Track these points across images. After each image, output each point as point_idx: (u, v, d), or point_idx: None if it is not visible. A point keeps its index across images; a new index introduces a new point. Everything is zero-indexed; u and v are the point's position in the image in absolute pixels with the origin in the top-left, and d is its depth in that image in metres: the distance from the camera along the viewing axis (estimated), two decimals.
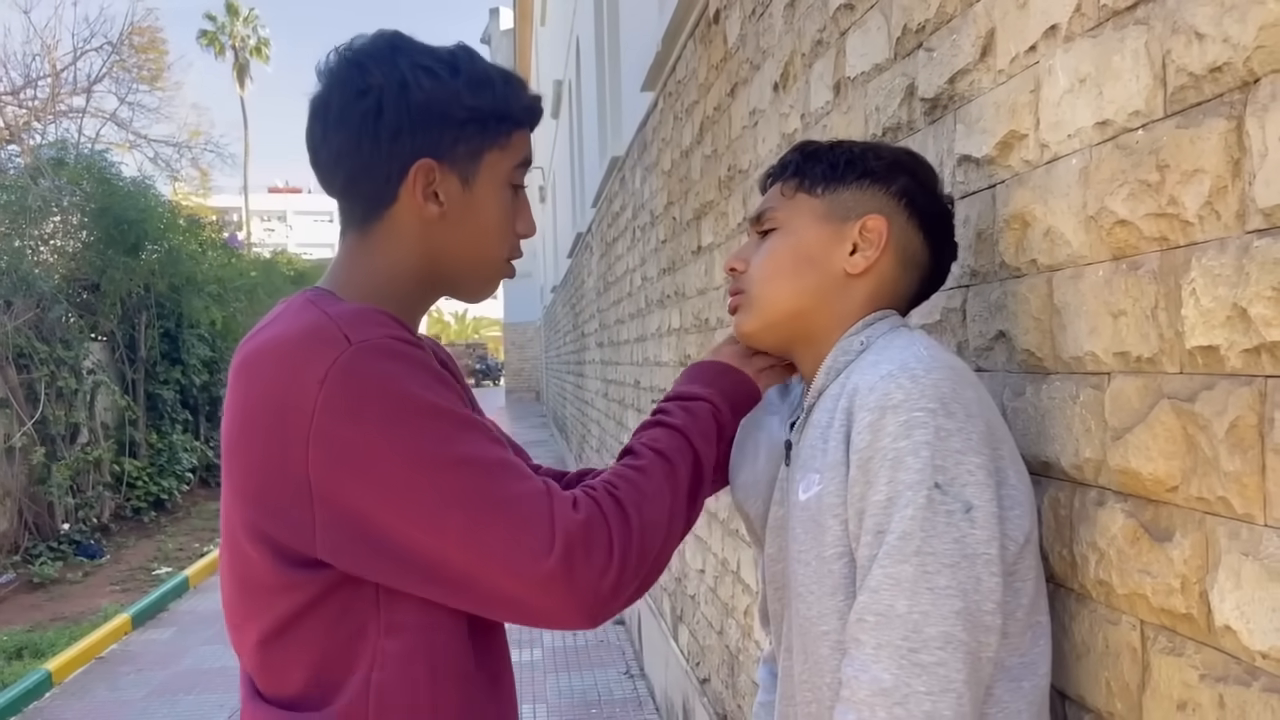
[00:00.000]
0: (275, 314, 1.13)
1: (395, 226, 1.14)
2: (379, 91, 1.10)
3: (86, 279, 9.89)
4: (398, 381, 1.00)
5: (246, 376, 1.06)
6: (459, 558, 0.99)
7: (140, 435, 10.54)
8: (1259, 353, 0.81)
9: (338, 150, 1.13)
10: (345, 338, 1.00)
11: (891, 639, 0.94)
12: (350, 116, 1.11)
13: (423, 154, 1.11)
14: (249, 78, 40.80)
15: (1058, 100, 1.11)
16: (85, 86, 19.15)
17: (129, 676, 5.96)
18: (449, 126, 1.11)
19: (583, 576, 1.00)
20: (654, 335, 4.80)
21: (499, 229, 1.17)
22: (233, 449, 1.06)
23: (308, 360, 1.00)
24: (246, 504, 1.05)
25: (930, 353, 1.04)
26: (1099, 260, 1.04)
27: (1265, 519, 0.81)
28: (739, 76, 2.83)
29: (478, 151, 1.14)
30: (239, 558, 1.08)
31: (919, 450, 0.97)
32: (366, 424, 0.98)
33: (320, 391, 0.98)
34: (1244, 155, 0.83)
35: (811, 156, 1.20)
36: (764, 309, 1.19)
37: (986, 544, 0.97)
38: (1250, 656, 0.84)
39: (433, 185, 1.12)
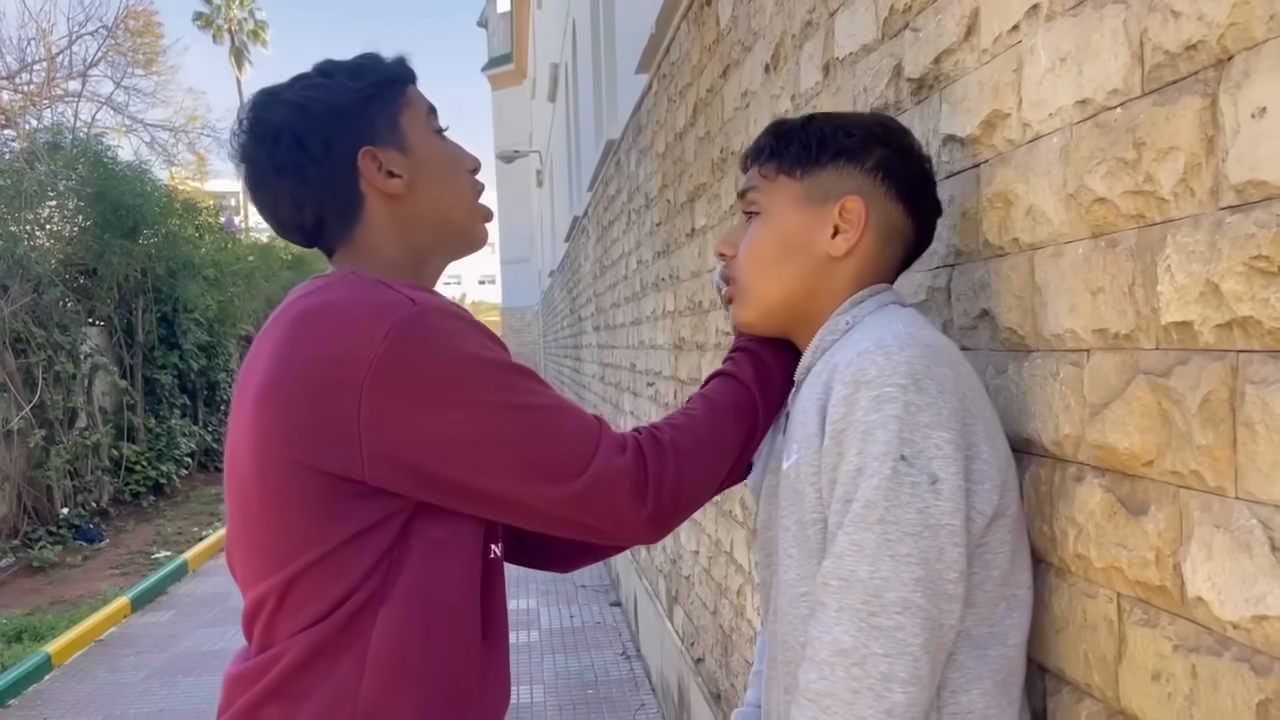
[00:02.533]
0: (321, 284, 1.17)
1: (373, 223, 1.23)
2: (286, 125, 1.19)
3: (83, 263, 9.89)
4: (457, 336, 1.09)
5: (299, 330, 1.11)
6: (503, 487, 1.09)
7: (138, 420, 10.56)
8: (1231, 328, 0.82)
9: (291, 196, 1.21)
10: (410, 299, 1.08)
11: (852, 602, 0.98)
12: (281, 161, 1.20)
13: (358, 145, 1.20)
14: (247, 61, 40.62)
15: (1039, 79, 1.12)
16: (81, 70, 19.09)
17: (128, 659, 6.00)
18: (358, 115, 1.21)
19: (611, 501, 1.10)
20: (649, 318, 4.81)
21: (451, 172, 1.27)
22: (275, 396, 1.09)
23: (373, 318, 1.06)
24: (288, 444, 1.08)
25: (908, 330, 1.06)
26: (1079, 238, 1.05)
27: (1236, 491, 0.83)
28: (731, 58, 2.83)
29: (392, 119, 1.23)
30: (282, 505, 1.10)
31: (887, 424, 1.00)
32: (424, 367, 1.05)
33: (382, 344, 1.04)
34: (1218, 132, 0.84)
35: (785, 137, 1.22)
36: (756, 299, 1.22)
37: (951, 515, 0.99)
38: (1221, 627, 0.85)
39: (382, 165, 1.21)
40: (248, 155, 1.22)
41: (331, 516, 1.08)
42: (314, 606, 1.10)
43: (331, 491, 1.07)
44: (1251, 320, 0.80)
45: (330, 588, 1.09)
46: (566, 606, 6.62)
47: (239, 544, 1.18)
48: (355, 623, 1.10)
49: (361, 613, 1.10)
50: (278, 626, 1.13)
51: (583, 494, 1.09)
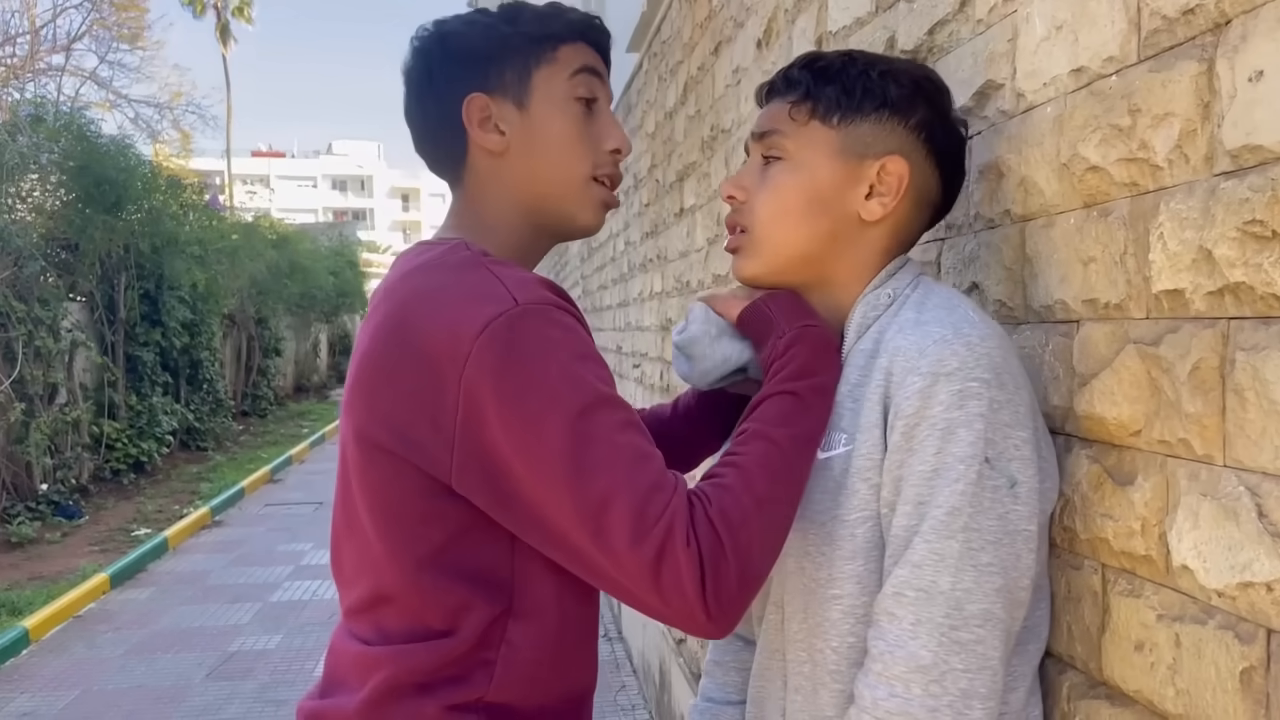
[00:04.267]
0: (430, 253, 1.11)
1: (476, 173, 1.18)
2: (424, 54, 1.18)
3: (65, 238, 9.78)
4: (554, 348, 1.00)
5: (405, 313, 1.05)
6: (570, 529, 0.97)
7: (119, 397, 10.48)
8: (1223, 294, 0.82)
9: (412, 116, 1.20)
10: (513, 297, 1.01)
11: (933, 615, 0.92)
12: (413, 83, 1.19)
13: (472, 90, 1.15)
14: (232, 38, 40.22)
15: (1034, 48, 1.11)
16: (64, 44, 18.86)
17: (106, 635, 5.96)
18: (490, 59, 1.15)
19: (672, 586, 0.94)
20: (636, 300, 4.80)
21: (568, 143, 1.16)
22: (375, 380, 1.06)
23: (474, 311, 1.00)
24: (389, 433, 1.04)
25: (979, 315, 1.01)
26: (1071, 208, 1.05)
27: (1224, 459, 0.82)
28: (723, 35, 2.81)
29: (524, 73, 1.15)
30: (379, 489, 1.07)
31: (972, 422, 0.94)
32: (514, 382, 0.98)
33: (478, 341, 0.98)
34: (1214, 98, 0.83)
35: (822, 75, 1.09)
36: (770, 252, 1.11)
37: (1028, 520, 0.95)
38: (1206, 595, 0.85)
39: (489, 117, 1.15)
40: (403, 74, 1.21)
41: (432, 511, 1.04)
42: (439, 611, 1.05)
43: (423, 486, 1.03)
44: (1244, 286, 0.79)
45: (454, 591, 1.05)
46: None
47: (348, 522, 1.13)
48: (488, 636, 1.05)
49: (493, 627, 1.05)
50: (402, 619, 1.08)
51: (641, 567, 0.94)
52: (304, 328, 21.05)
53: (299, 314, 19.98)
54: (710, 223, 3.02)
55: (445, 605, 1.05)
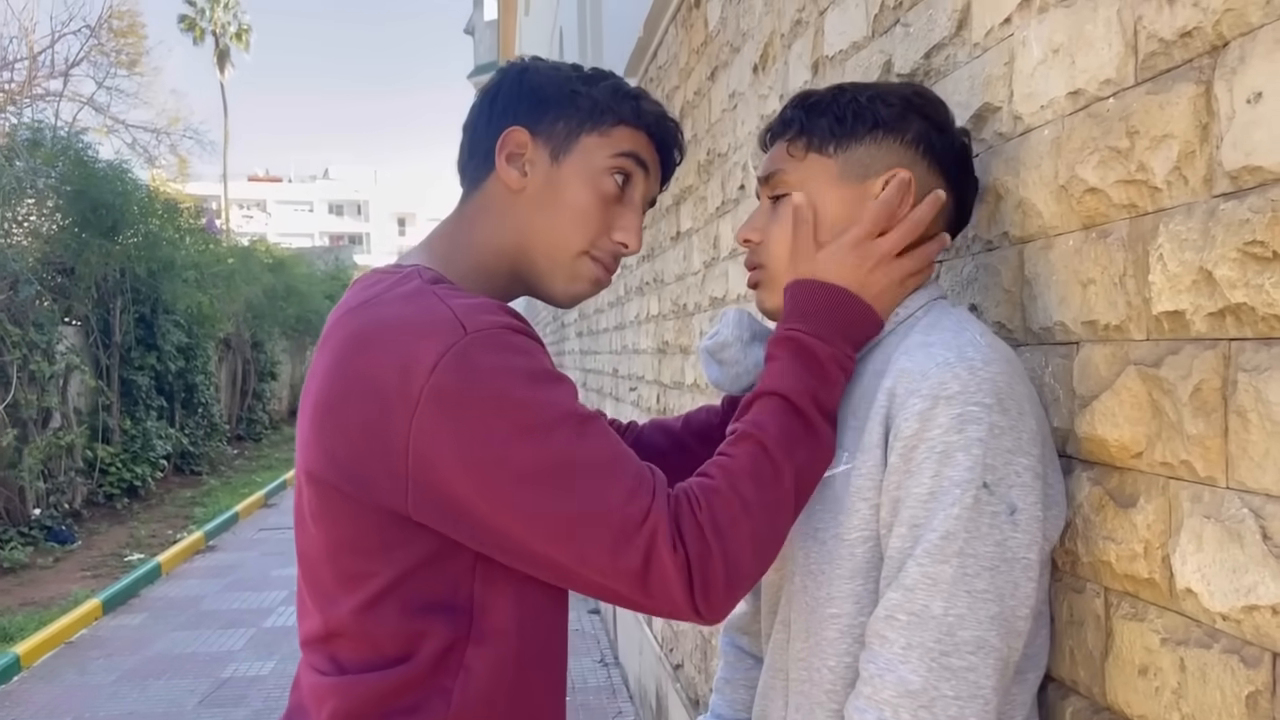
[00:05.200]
0: (386, 285, 1.08)
1: (488, 199, 1.17)
2: (502, 78, 1.20)
3: (61, 262, 9.78)
4: (507, 375, 0.98)
5: (353, 349, 1.03)
6: (548, 550, 0.97)
7: (114, 421, 10.44)
8: (1223, 315, 0.82)
9: (464, 131, 1.22)
10: (461, 325, 0.99)
11: (924, 640, 0.92)
12: (480, 99, 1.21)
13: (519, 124, 1.16)
14: (230, 64, 40.44)
15: (1031, 71, 1.11)
16: (63, 70, 18.94)
17: (98, 661, 5.91)
18: (551, 104, 1.16)
19: (661, 590, 0.96)
20: (632, 323, 4.80)
21: (579, 213, 1.15)
22: (324, 420, 1.04)
23: (422, 346, 0.98)
24: (339, 473, 1.02)
25: (987, 340, 1.00)
26: (1069, 230, 1.05)
27: (1227, 481, 0.82)
28: (719, 60, 2.83)
29: (575, 132, 1.15)
30: (331, 525, 1.05)
31: (970, 447, 0.93)
32: (470, 416, 0.96)
33: (430, 378, 0.96)
34: (1212, 119, 0.83)
35: (814, 109, 1.11)
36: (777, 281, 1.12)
37: (1027, 548, 0.94)
38: (1210, 619, 0.84)
39: (522, 155, 1.15)
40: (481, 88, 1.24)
41: (389, 543, 1.02)
42: (394, 641, 1.04)
43: (381, 521, 1.01)
44: (1245, 307, 0.79)
45: (409, 620, 1.03)
46: None
47: (305, 556, 1.12)
48: (444, 664, 1.04)
49: (450, 653, 1.04)
50: (356, 651, 1.06)
51: (627, 577, 0.95)
52: (299, 351, 21.04)
53: (294, 338, 19.98)
54: (706, 246, 3.03)
55: (401, 634, 1.03)
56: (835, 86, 1.14)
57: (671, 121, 1.22)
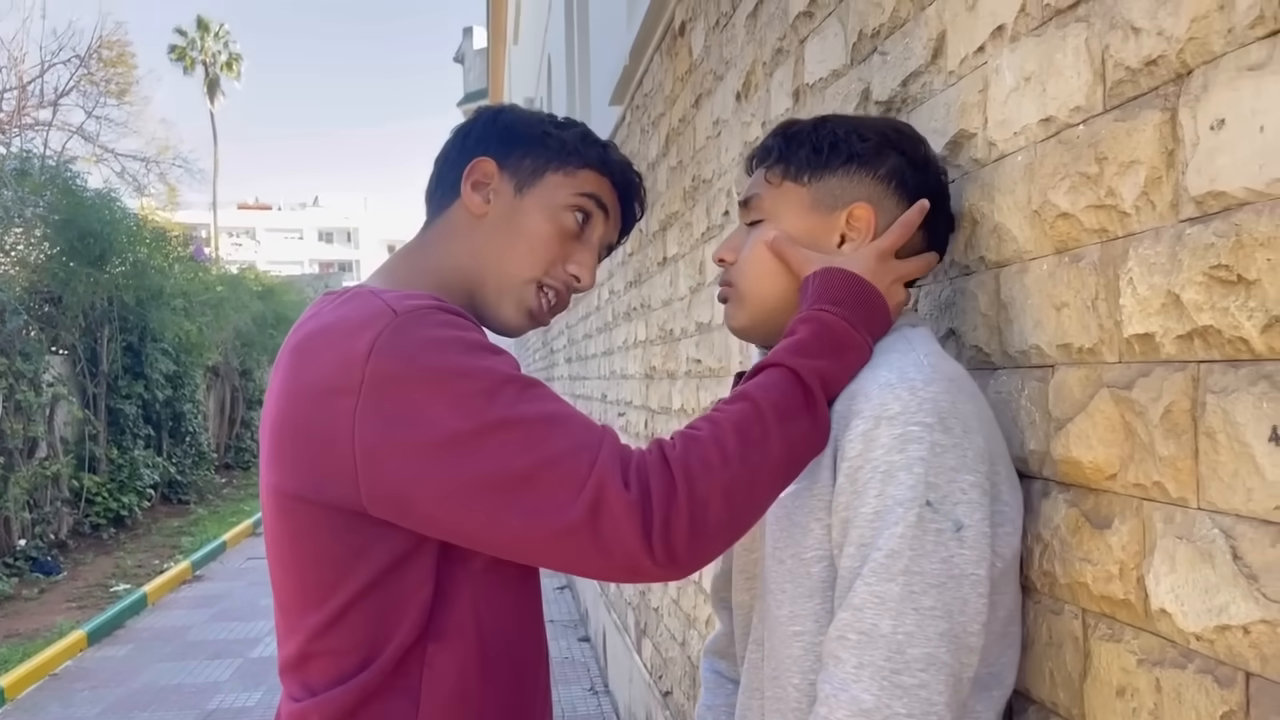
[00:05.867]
0: (329, 303, 1.12)
1: (450, 223, 1.21)
2: (478, 116, 1.25)
3: (49, 291, 9.76)
4: (438, 348, 1.00)
5: (297, 361, 1.06)
6: (498, 517, 0.97)
7: (100, 450, 10.38)
8: (1191, 338, 0.83)
9: (435, 161, 1.26)
10: (392, 310, 1.02)
11: (874, 659, 0.92)
12: (452, 138, 1.25)
13: (488, 154, 1.20)
14: (220, 93, 40.56)
15: (1004, 99, 1.13)
16: (52, 99, 18.98)
17: (83, 693, 5.85)
18: (521, 141, 1.21)
19: (613, 537, 0.94)
20: (621, 348, 4.81)
21: (535, 243, 1.18)
22: (279, 430, 1.06)
23: (357, 337, 1.00)
24: (298, 481, 1.04)
25: (931, 361, 1.02)
26: (1043, 254, 1.06)
27: (1198, 502, 0.83)
28: (703, 87, 2.85)
29: (540, 169, 1.20)
30: (296, 543, 1.07)
31: (912, 466, 0.94)
32: (407, 393, 0.98)
33: (366, 366, 0.98)
34: (1177, 146, 0.84)
35: (794, 139, 1.15)
36: (752, 305, 1.17)
37: (975, 565, 0.94)
38: (1185, 639, 0.85)
39: (487, 184, 1.20)
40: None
41: (355, 551, 1.03)
42: (359, 651, 1.05)
43: (345, 525, 1.02)
44: (1212, 330, 0.80)
45: (373, 628, 1.04)
46: None
47: (276, 585, 1.13)
48: (405, 663, 1.05)
49: (411, 653, 1.05)
50: (324, 671, 1.06)
51: (577, 528, 0.94)
52: None
53: None
54: (692, 271, 3.04)
55: (365, 643, 1.05)
56: (819, 118, 1.18)
57: (636, 174, 1.27)
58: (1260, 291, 0.75)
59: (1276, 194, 0.73)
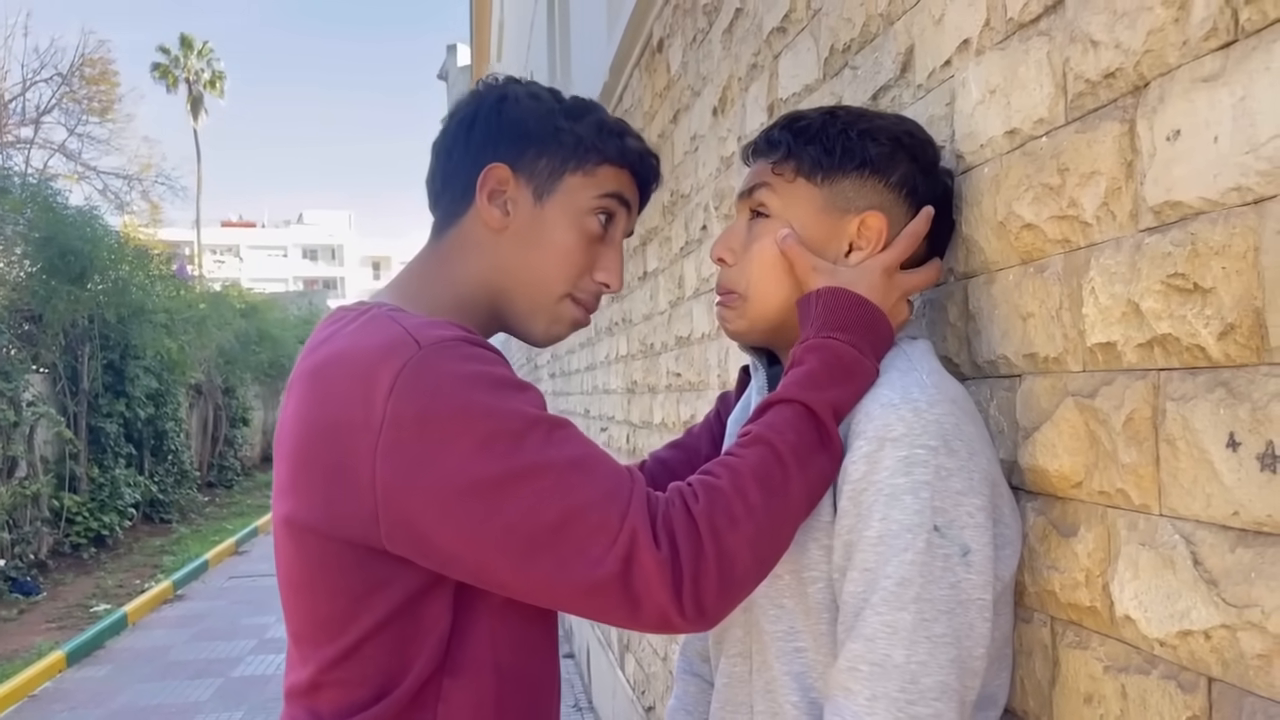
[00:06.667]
0: (344, 322, 1.07)
1: (466, 235, 1.14)
2: (479, 104, 1.15)
3: (28, 309, 9.70)
4: (464, 386, 0.96)
5: (314, 389, 1.02)
6: (526, 566, 0.94)
7: (81, 469, 10.30)
8: (1151, 346, 0.84)
9: (437, 152, 1.18)
10: (415, 341, 0.97)
11: (888, 690, 0.91)
12: (450, 128, 1.17)
13: (501, 160, 1.12)
14: (204, 111, 40.49)
15: (970, 111, 1.14)
16: (34, 117, 18.92)
17: (62, 715, 5.79)
18: (533, 140, 1.13)
19: (645, 593, 0.92)
20: (603, 363, 4.81)
21: (563, 257, 1.13)
22: (296, 462, 1.02)
23: (378, 369, 0.96)
24: (316, 515, 1.00)
25: (934, 381, 1.00)
26: (1009, 265, 1.07)
27: (1160, 509, 0.83)
28: (681, 103, 2.87)
29: (558, 171, 1.13)
30: (311, 575, 1.03)
31: (918, 490, 0.93)
32: (430, 433, 0.94)
33: (387, 403, 0.94)
34: (1136, 157, 0.86)
35: (802, 135, 1.10)
36: (756, 308, 1.12)
37: (981, 589, 0.93)
38: (1149, 645, 0.85)
39: (504, 193, 1.12)
40: (452, 109, 1.19)
41: (372, 585, 1.00)
42: (373, 683, 1.02)
43: (362, 560, 0.99)
44: (1170, 338, 0.81)
45: (389, 661, 1.01)
46: None
47: (288, 614, 1.10)
48: (421, 698, 1.01)
49: (426, 687, 1.02)
50: (335, 701, 1.03)
51: (609, 582, 0.92)
52: (272, 397, 20.86)
53: (267, 383, 19.83)
54: (672, 286, 3.05)
55: (381, 675, 1.02)
56: (827, 111, 1.13)
57: (654, 157, 1.20)
58: (1216, 299, 0.76)
59: (1231, 203, 0.74)
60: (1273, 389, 0.71)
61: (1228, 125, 0.74)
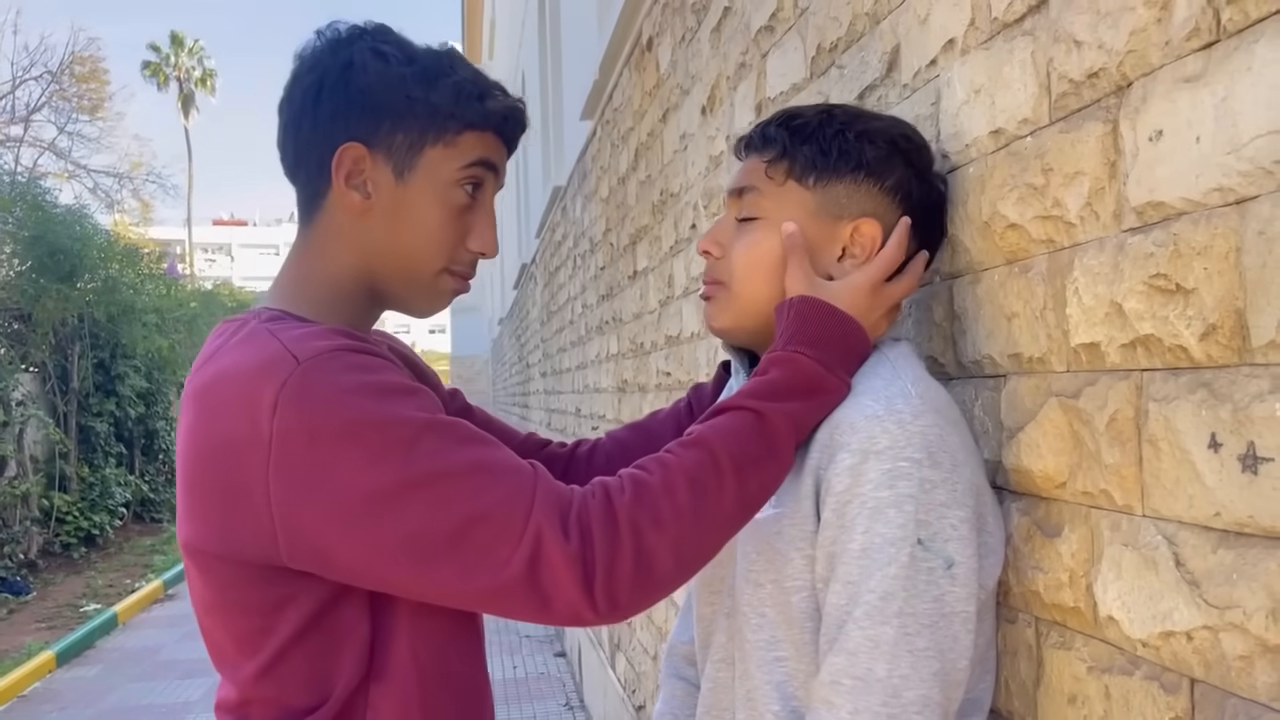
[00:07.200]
0: (227, 335, 1.05)
1: (331, 223, 1.08)
2: (323, 71, 1.07)
3: (17, 308, 9.66)
4: (348, 398, 0.93)
5: (201, 409, 1.00)
6: (431, 574, 0.93)
7: (71, 469, 10.27)
8: (1134, 347, 0.84)
9: (284, 127, 1.10)
10: (293, 357, 0.94)
11: (870, 704, 0.91)
12: (295, 94, 1.08)
13: (354, 139, 1.05)
14: (194, 109, 40.37)
15: (956, 111, 1.14)
16: (23, 115, 18.84)
17: (52, 716, 5.77)
18: (386, 114, 1.05)
19: (553, 589, 0.92)
20: (594, 362, 4.81)
21: (434, 233, 1.08)
22: (191, 491, 1.01)
23: (260, 388, 0.93)
24: (214, 540, 0.98)
25: (918, 390, 0.99)
26: (994, 265, 1.07)
27: (1142, 509, 0.83)
28: (670, 102, 2.87)
29: (417, 145, 1.06)
30: (220, 597, 1.02)
31: (902, 503, 0.92)
32: (321, 449, 0.92)
33: (273, 422, 0.92)
34: (1119, 157, 0.85)
35: (798, 134, 1.08)
36: (742, 306, 1.10)
37: (965, 601, 0.93)
38: (1132, 646, 0.85)
39: (361, 174, 1.06)
40: (295, 62, 1.10)
41: (280, 600, 0.98)
42: (302, 695, 1.00)
43: (267, 577, 0.98)
44: (1153, 338, 0.81)
45: (312, 672, 1.00)
46: (510, 657, 6.50)
47: (205, 635, 1.08)
48: (351, 706, 1.01)
49: (356, 695, 1.01)
50: (265, 716, 1.02)
51: (515, 582, 0.91)
52: None
53: None
54: (662, 284, 3.05)
55: (309, 686, 1.00)
56: (824, 110, 1.11)
57: (518, 110, 1.13)
58: (1198, 300, 0.76)
59: (1213, 204, 0.74)
60: (1254, 390, 0.71)
61: (1210, 126, 0.74)
